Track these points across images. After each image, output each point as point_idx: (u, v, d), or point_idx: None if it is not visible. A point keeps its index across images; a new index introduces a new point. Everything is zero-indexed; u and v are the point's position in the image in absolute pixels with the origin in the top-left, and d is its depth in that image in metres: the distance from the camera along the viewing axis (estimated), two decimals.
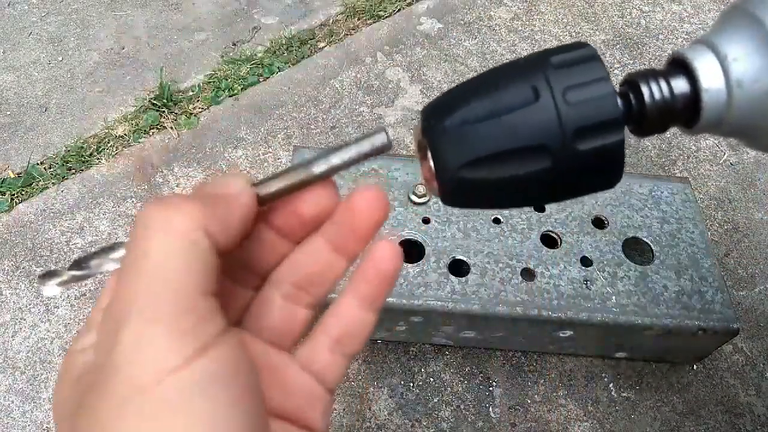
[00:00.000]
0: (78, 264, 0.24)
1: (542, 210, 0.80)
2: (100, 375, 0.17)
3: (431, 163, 0.23)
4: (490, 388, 0.80)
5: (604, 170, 0.23)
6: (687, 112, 0.24)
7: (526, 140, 0.21)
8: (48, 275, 0.24)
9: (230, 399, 0.17)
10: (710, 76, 0.23)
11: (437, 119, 0.23)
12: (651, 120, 0.24)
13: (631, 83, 0.24)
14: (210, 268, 0.18)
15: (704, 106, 0.23)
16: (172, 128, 1.06)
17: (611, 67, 1.19)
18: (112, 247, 0.24)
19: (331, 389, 0.24)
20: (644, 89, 0.24)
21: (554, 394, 0.80)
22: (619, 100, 0.23)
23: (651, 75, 0.24)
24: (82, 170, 1.00)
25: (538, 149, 0.21)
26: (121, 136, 1.05)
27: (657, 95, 0.24)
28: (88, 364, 0.19)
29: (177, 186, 0.98)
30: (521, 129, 0.21)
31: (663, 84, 0.24)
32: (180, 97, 1.10)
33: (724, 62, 0.23)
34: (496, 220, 0.79)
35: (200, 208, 0.18)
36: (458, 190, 0.23)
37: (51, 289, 0.24)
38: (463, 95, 0.23)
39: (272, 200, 0.22)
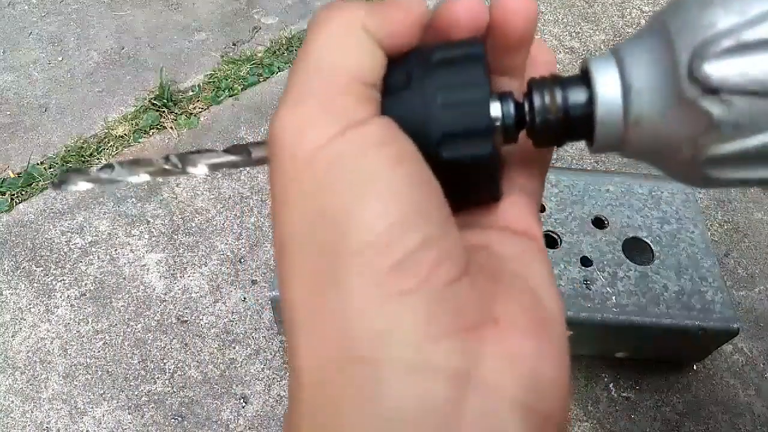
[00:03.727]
0: (106, 168, 0.25)
1: (542, 210, 0.80)
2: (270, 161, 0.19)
3: None
4: None
5: (472, 186, 0.22)
6: (581, 131, 0.22)
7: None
8: (69, 175, 0.25)
9: (390, 160, 0.18)
10: (609, 105, 0.21)
11: None
12: (541, 130, 0.22)
13: (529, 89, 0.23)
14: (370, 59, 0.19)
15: (597, 135, 0.22)
16: (172, 128, 1.06)
17: None
18: (138, 162, 0.25)
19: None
20: (536, 99, 0.22)
21: None
22: (497, 108, 0.22)
23: (550, 84, 0.22)
24: None
25: None
26: (121, 136, 1.05)
27: (550, 107, 0.22)
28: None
29: (177, 186, 0.98)
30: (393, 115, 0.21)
31: (559, 97, 0.22)
32: (180, 97, 1.10)
33: (628, 93, 0.21)
34: None
35: (362, 8, 0.20)
36: None
37: (78, 186, 0.25)
38: None
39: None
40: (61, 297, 0.86)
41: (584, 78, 0.22)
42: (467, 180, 0.22)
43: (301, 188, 0.18)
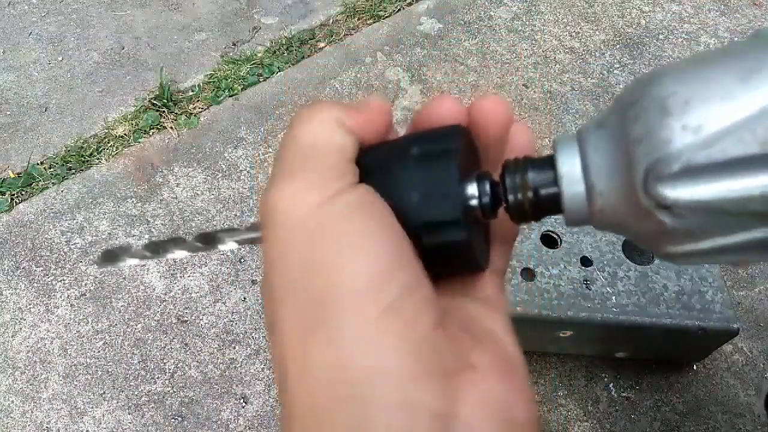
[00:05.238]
0: (149, 246, 0.29)
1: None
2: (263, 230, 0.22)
3: None
4: None
5: (453, 263, 0.24)
6: (552, 208, 0.24)
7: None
8: (113, 255, 0.29)
9: (370, 221, 0.21)
10: (574, 197, 0.23)
11: None
12: (515, 208, 0.24)
13: (504, 170, 0.25)
14: (346, 141, 0.23)
15: (566, 216, 0.24)
16: (172, 128, 1.06)
17: (611, 67, 1.19)
18: (175, 240, 0.29)
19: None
20: (509, 179, 0.24)
21: (554, 394, 0.80)
22: (474, 188, 0.24)
23: (522, 166, 0.24)
24: (82, 170, 1.00)
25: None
26: (121, 136, 1.05)
27: (521, 187, 0.24)
28: None
29: (177, 186, 0.98)
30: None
31: (529, 178, 0.24)
32: (180, 97, 1.10)
33: (591, 191, 0.23)
34: None
35: (337, 106, 0.23)
36: None
37: (126, 262, 0.29)
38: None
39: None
40: (61, 297, 0.86)
41: (552, 161, 0.24)
42: (448, 258, 0.24)
43: (294, 246, 0.21)
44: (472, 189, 0.24)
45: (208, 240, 0.28)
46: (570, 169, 0.23)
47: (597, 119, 0.24)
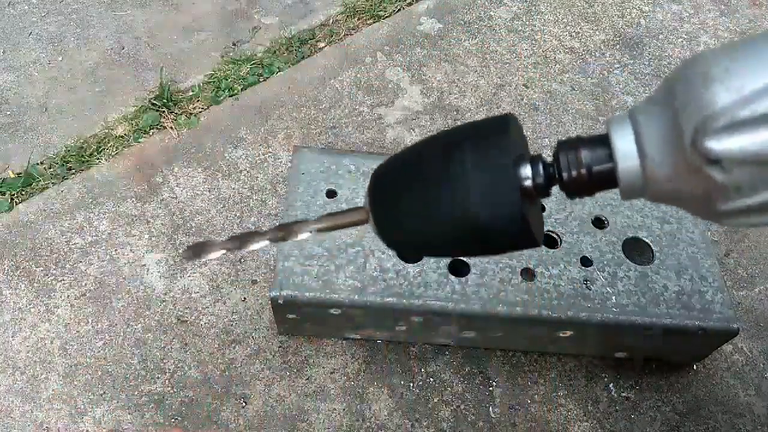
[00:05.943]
0: (232, 239, 0.31)
1: (542, 209, 0.80)
2: None
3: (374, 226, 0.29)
4: (490, 388, 0.80)
5: (508, 234, 0.26)
6: (606, 183, 0.26)
7: (440, 210, 0.25)
8: (198, 248, 0.31)
9: None
10: (628, 168, 0.25)
11: (376, 193, 0.28)
12: (570, 184, 0.26)
13: (557, 150, 0.26)
14: None
15: (621, 188, 0.26)
16: (172, 128, 1.06)
17: (611, 67, 1.19)
18: (256, 233, 0.31)
19: None
20: (562, 158, 0.26)
21: (554, 394, 0.80)
22: (527, 169, 0.25)
23: (575, 144, 0.26)
24: (82, 170, 1.00)
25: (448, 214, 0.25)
26: (121, 136, 1.05)
27: (575, 165, 0.26)
28: None
29: (177, 186, 0.98)
30: (436, 201, 0.25)
31: (583, 156, 0.26)
32: (180, 97, 1.10)
33: (643, 158, 0.24)
34: None
35: None
36: (395, 248, 0.29)
37: (210, 255, 0.32)
38: (395, 172, 0.28)
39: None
40: (61, 297, 0.86)
41: (605, 139, 0.26)
42: (507, 237, 0.25)
43: None
44: (526, 171, 0.25)
45: (286, 231, 0.31)
46: (624, 144, 0.25)
47: (647, 98, 0.25)
